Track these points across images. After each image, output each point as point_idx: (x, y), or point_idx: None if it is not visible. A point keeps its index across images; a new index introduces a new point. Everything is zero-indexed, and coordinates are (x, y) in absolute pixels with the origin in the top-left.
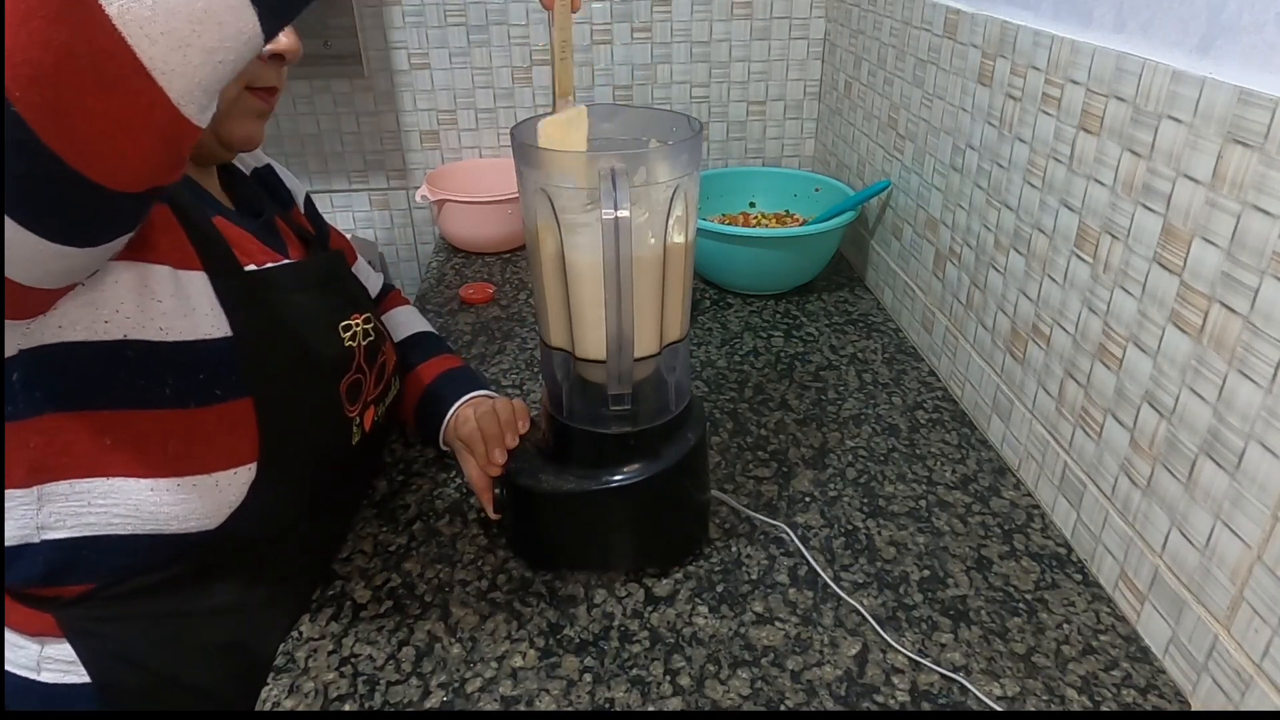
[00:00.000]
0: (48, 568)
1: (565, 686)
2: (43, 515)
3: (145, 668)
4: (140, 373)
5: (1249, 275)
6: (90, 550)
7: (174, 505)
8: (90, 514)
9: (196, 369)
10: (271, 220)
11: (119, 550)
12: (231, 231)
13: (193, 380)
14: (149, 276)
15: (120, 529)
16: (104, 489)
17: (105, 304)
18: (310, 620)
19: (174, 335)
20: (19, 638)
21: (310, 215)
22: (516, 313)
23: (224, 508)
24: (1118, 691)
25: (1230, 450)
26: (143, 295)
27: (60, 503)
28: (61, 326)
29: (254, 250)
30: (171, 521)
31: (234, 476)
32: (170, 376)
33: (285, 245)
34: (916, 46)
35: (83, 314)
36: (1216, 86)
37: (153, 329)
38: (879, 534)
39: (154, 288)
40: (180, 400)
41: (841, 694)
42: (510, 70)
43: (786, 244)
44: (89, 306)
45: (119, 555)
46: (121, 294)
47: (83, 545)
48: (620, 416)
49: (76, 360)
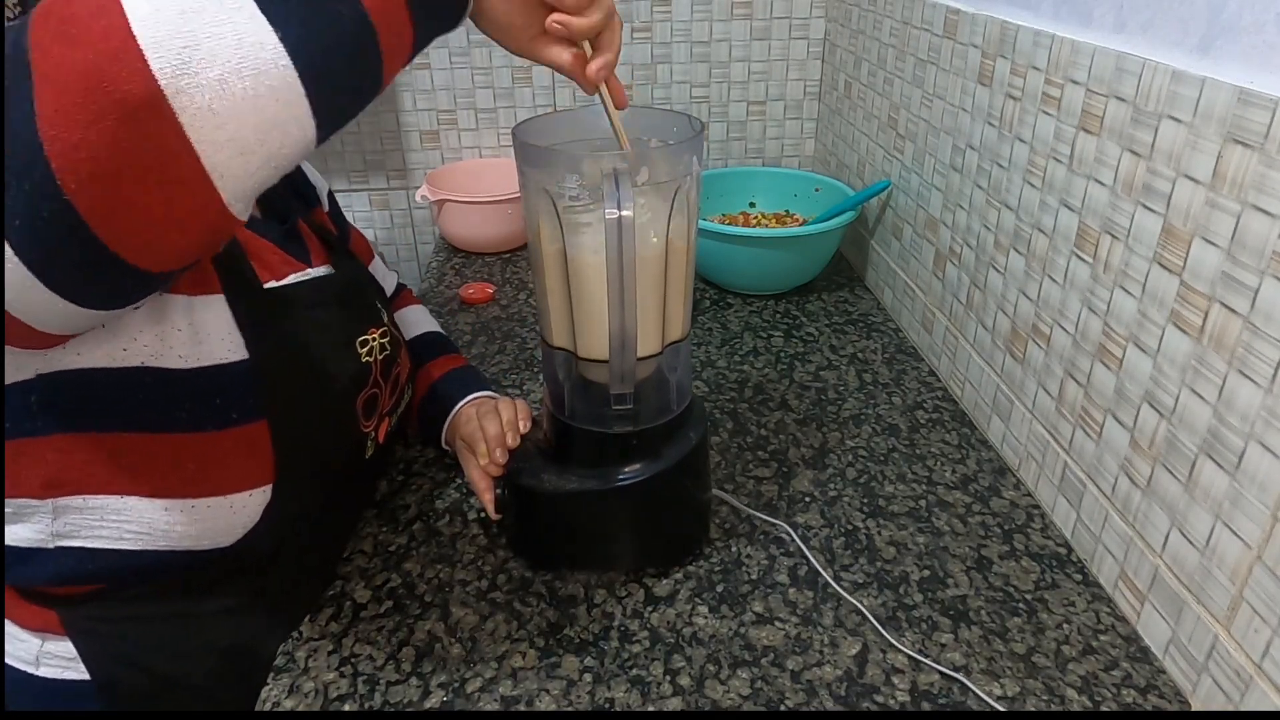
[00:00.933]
0: (58, 572)
1: (565, 686)
2: (58, 525)
3: (145, 668)
4: (157, 398)
5: (1249, 275)
6: (102, 561)
7: (187, 525)
8: (104, 528)
9: (213, 394)
10: (295, 225)
11: (130, 564)
12: (254, 244)
13: (209, 405)
14: (166, 306)
15: (132, 544)
16: (117, 506)
17: (123, 332)
18: (310, 620)
19: (191, 362)
20: (19, 631)
21: (333, 214)
22: (516, 313)
23: (238, 528)
24: (1118, 691)
25: (1230, 450)
26: (160, 324)
27: (75, 515)
28: (80, 354)
29: (275, 262)
30: (185, 540)
31: (249, 499)
32: (186, 401)
33: (308, 251)
34: (916, 46)
35: (100, 343)
36: (1216, 86)
37: (171, 356)
38: (879, 534)
39: (172, 316)
40: (196, 424)
41: (841, 694)
42: (510, 70)
43: (786, 244)
44: (107, 336)
45: (130, 567)
46: (139, 323)
47: (95, 555)
48: (622, 416)
49: (94, 386)
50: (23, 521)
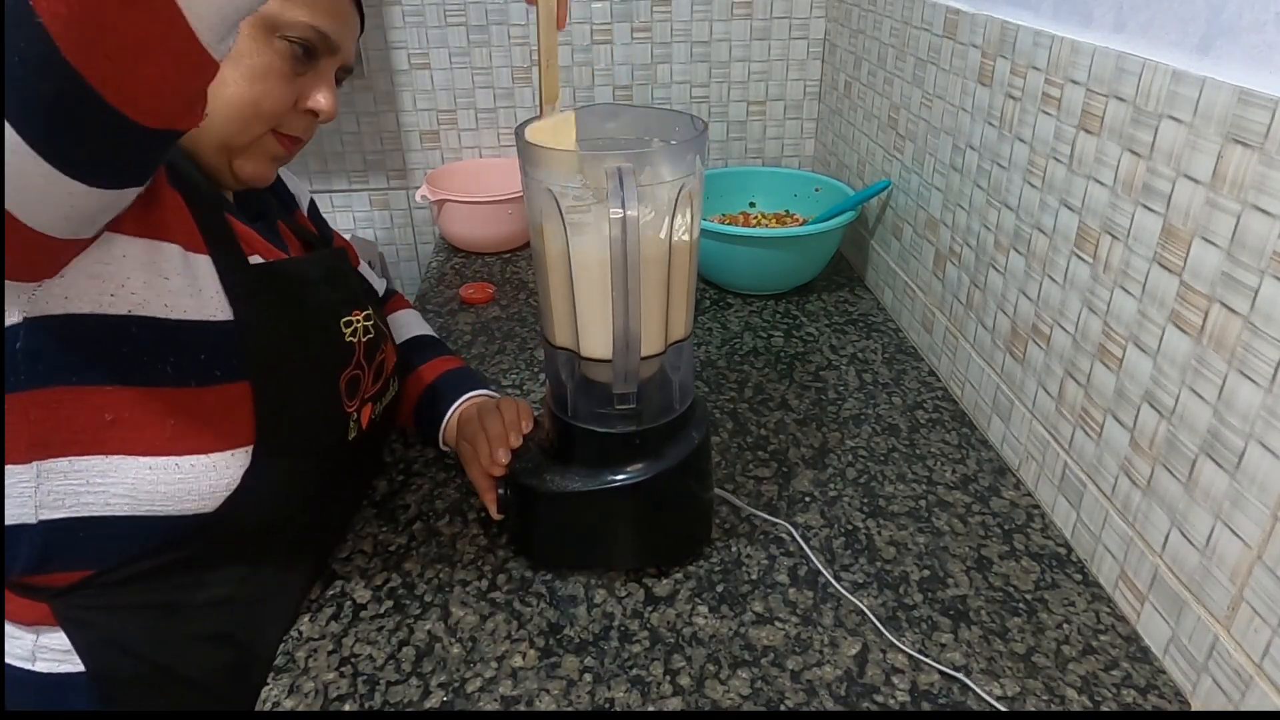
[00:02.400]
0: (44, 551)
1: (565, 686)
2: (40, 494)
3: (139, 657)
4: (143, 349)
5: (1249, 275)
6: (87, 533)
7: (171, 485)
8: (89, 493)
9: (198, 349)
10: (274, 223)
11: (115, 534)
12: (240, 228)
13: (194, 359)
14: (158, 254)
15: (117, 510)
16: (103, 467)
17: (112, 277)
18: (310, 620)
19: (179, 314)
20: (14, 628)
21: (314, 218)
22: (516, 313)
23: (220, 490)
24: (1118, 691)
25: (1230, 450)
26: (151, 272)
27: (59, 480)
28: (68, 297)
29: (260, 246)
30: (168, 503)
31: (231, 459)
32: (172, 354)
33: (287, 247)
34: (916, 46)
35: (90, 286)
36: (1216, 86)
37: (158, 306)
38: (879, 534)
39: (162, 265)
40: (181, 379)
41: (841, 694)
42: (510, 70)
43: (786, 244)
44: (96, 279)
45: (115, 539)
46: (130, 269)
47: (79, 527)
48: (625, 415)
49: (81, 332)
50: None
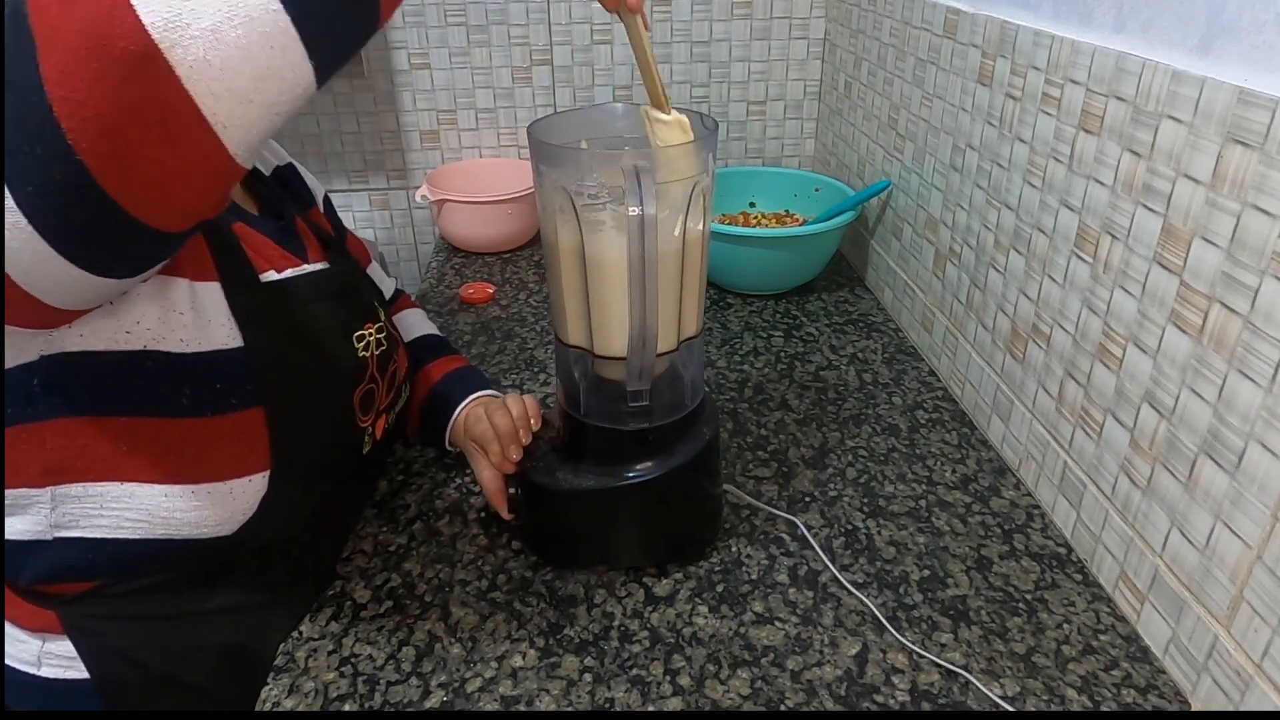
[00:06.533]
0: (58, 566)
1: (565, 686)
2: (56, 515)
3: (145, 665)
4: (159, 382)
5: (1249, 275)
6: (101, 551)
7: (187, 512)
8: (103, 517)
9: (213, 379)
10: (292, 223)
11: (128, 554)
12: (252, 238)
13: (209, 389)
14: (169, 289)
15: (131, 533)
16: (117, 493)
17: (126, 315)
18: (310, 620)
19: (193, 347)
20: (20, 633)
21: (329, 216)
22: (516, 313)
23: (238, 515)
24: (1118, 691)
25: (1230, 450)
26: (163, 308)
27: (74, 504)
28: (83, 335)
29: (274, 256)
30: (184, 527)
31: (248, 484)
32: (187, 386)
33: (305, 248)
34: (916, 46)
35: (104, 324)
36: (1216, 86)
37: (173, 340)
38: (879, 534)
39: (174, 300)
40: (197, 409)
41: (841, 694)
42: (510, 70)
43: (786, 244)
44: (111, 317)
45: (128, 558)
46: (143, 307)
47: (95, 546)
48: (637, 413)
49: (97, 368)
50: (21, 514)
